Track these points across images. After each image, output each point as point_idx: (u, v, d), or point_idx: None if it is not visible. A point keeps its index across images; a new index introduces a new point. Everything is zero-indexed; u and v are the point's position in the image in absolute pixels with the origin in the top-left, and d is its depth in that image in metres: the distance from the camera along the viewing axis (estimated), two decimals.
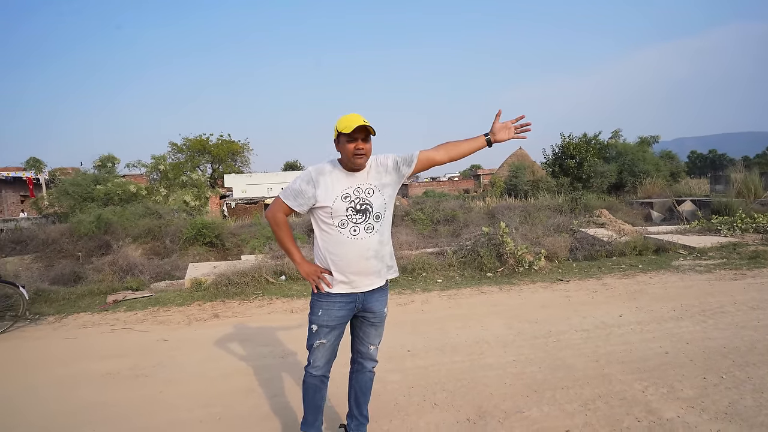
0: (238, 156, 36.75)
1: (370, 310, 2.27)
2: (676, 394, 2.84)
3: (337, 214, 2.13)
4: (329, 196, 2.12)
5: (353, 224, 2.14)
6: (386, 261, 2.27)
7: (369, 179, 2.19)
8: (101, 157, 20.05)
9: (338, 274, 2.17)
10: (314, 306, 2.24)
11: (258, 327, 4.60)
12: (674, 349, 3.54)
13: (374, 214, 2.17)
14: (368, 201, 2.16)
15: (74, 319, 5.22)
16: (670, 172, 21.92)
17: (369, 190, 2.17)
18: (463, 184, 43.69)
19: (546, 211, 12.25)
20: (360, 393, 2.39)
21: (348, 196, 2.13)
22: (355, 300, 2.22)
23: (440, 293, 5.66)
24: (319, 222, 2.20)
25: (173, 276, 7.53)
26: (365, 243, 2.16)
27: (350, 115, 2.09)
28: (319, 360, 2.25)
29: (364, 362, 2.37)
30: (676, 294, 5.11)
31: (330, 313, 2.20)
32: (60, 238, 10.30)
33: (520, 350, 3.67)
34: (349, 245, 2.14)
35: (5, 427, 2.84)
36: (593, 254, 7.43)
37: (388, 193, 2.22)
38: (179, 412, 2.92)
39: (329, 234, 2.17)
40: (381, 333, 2.37)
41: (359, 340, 2.35)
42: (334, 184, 2.14)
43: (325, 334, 2.22)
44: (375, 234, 2.18)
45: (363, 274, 2.19)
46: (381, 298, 2.29)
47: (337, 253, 2.16)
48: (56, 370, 3.71)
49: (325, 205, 2.13)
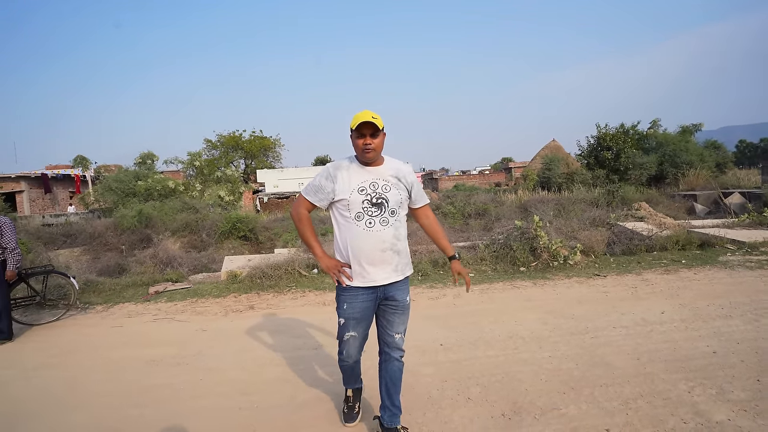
0: (270, 151, 37.50)
1: (393, 299, 2.33)
2: (726, 396, 2.70)
3: (353, 207, 2.22)
4: (346, 189, 2.22)
5: (369, 217, 2.22)
6: (402, 256, 2.33)
7: (387, 176, 2.29)
8: (141, 155, 20.90)
9: (356, 266, 2.25)
10: (339, 300, 2.35)
11: (292, 319, 4.69)
12: (723, 348, 3.37)
13: (390, 209, 2.25)
14: (384, 195, 2.24)
15: (120, 308, 5.49)
16: (715, 163, 20.77)
17: (386, 186, 2.26)
18: (494, 178, 42.95)
19: (581, 204, 11.91)
20: (390, 383, 2.42)
21: (364, 189, 2.22)
22: (376, 291, 2.29)
23: (472, 287, 5.59)
24: (337, 215, 2.30)
25: (210, 268, 7.78)
26: (380, 235, 2.23)
27: (361, 112, 2.19)
28: (350, 351, 2.38)
29: (391, 352, 2.41)
30: (723, 291, 4.85)
31: (354, 305, 2.29)
32: (105, 232, 10.84)
33: (555, 346, 3.59)
34: (365, 237, 2.22)
35: (64, 403, 3.02)
36: (632, 249, 7.15)
37: (404, 194, 2.32)
38: (219, 398, 3.02)
39: (346, 227, 2.26)
40: (405, 321, 2.41)
41: (384, 329, 2.41)
42: (351, 178, 2.24)
43: (353, 327, 2.32)
44: (390, 228, 2.25)
45: (379, 266, 2.25)
46: (402, 287, 2.36)
47: (354, 245, 2.25)
48: (106, 355, 3.92)
49: (342, 198, 2.22)
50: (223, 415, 2.80)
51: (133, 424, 2.74)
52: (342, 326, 2.34)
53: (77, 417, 2.87)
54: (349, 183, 2.23)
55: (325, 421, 2.66)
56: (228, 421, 2.73)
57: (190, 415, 2.82)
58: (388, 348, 2.41)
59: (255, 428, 2.63)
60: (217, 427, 2.66)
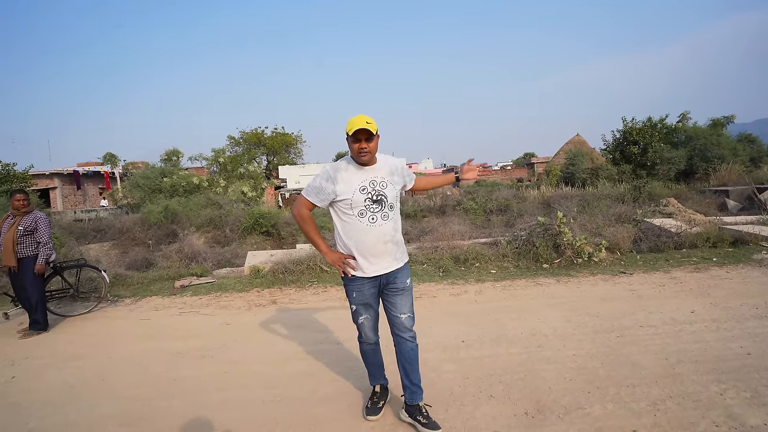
0: (291, 148, 37.86)
1: (394, 283, 2.51)
2: (761, 400, 2.60)
3: (356, 205, 2.38)
4: (348, 190, 2.37)
5: (371, 213, 2.40)
6: (400, 246, 2.54)
7: (383, 174, 2.46)
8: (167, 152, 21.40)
9: (361, 259, 2.43)
10: (348, 291, 2.53)
11: (314, 314, 4.74)
12: (758, 350, 3.24)
13: (389, 204, 2.44)
14: (383, 192, 2.42)
15: (147, 301, 5.65)
16: (749, 157, 19.92)
17: (383, 183, 2.44)
18: (516, 173, 42.29)
19: (606, 200, 11.61)
20: (406, 362, 2.55)
21: (365, 188, 2.39)
22: (379, 279, 2.48)
23: (494, 284, 5.54)
24: (340, 213, 2.45)
25: (233, 263, 7.93)
26: (383, 229, 2.42)
27: (356, 117, 2.33)
28: (367, 332, 2.59)
29: (401, 333, 2.54)
30: (758, 290, 4.67)
31: (362, 293, 2.49)
32: (133, 227, 11.16)
33: (580, 344, 3.52)
34: (368, 232, 2.39)
35: (94, 393, 3.14)
36: (660, 246, 6.94)
37: (398, 188, 2.52)
38: (243, 391, 3.08)
39: (350, 224, 2.42)
40: (408, 302, 2.55)
41: (390, 311, 2.56)
42: (352, 179, 2.39)
43: (364, 311, 2.54)
44: (390, 221, 2.45)
45: (382, 257, 2.44)
46: (403, 272, 2.53)
47: (358, 240, 2.41)
48: (134, 347, 4.04)
49: (345, 198, 2.38)
50: (247, 408, 2.86)
51: (161, 415, 2.82)
52: (355, 312, 2.55)
53: (107, 407, 2.97)
54: (350, 183, 2.38)
55: (348, 415, 2.69)
56: (252, 413, 2.78)
57: (215, 406, 2.89)
58: (398, 330, 2.55)
59: (278, 421, 2.67)
60: (242, 419, 2.72)
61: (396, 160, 2.58)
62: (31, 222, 4.60)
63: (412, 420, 2.52)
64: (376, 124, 2.35)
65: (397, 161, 2.58)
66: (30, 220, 4.60)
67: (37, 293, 4.59)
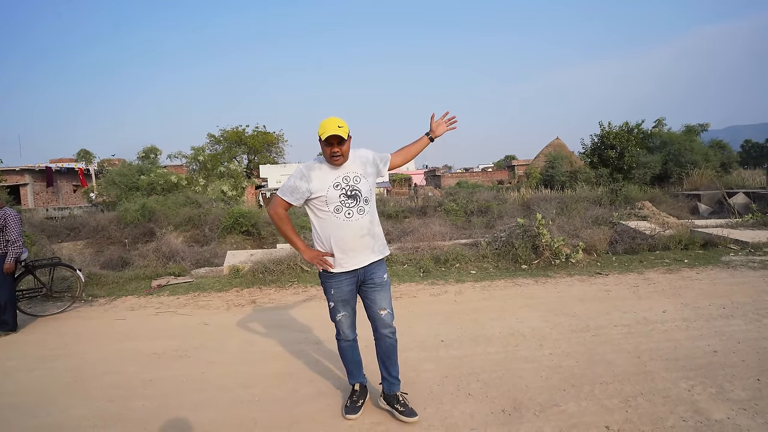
0: (273, 147, 37.49)
1: (371, 279, 2.54)
2: (726, 395, 2.71)
3: (331, 201, 2.43)
4: (323, 187, 2.42)
5: (347, 208, 2.45)
6: (378, 239, 2.58)
7: (355, 168, 2.50)
8: (144, 149, 20.92)
9: (339, 253, 2.47)
10: (325, 287, 2.57)
11: (294, 314, 4.72)
12: (724, 348, 3.37)
13: (363, 198, 2.48)
14: (357, 187, 2.47)
15: (122, 301, 5.52)
16: (720, 163, 20.63)
17: (356, 178, 2.48)
18: (497, 175, 42.85)
19: (584, 202, 11.88)
20: (385, 357, 2.62)
21: (339, 184, 2.43)
22: (357, 274, 2.52)
23: (474, 284, 5.61)
24: (316, 211, 2.50)
25: (212, 263, 7.82)
26: (359, 223, 2.46)
27: (328, 120, 2.36)
28: (345, 329, 2.62)
29: (381, 329, 2.59)
30: (725, 291, 4.85)
31: (340, 289, 2.53)
32: (108, 226, 10.89)
33: (556, 344, 3.60)
34: (345, 227, 2.45)
35: (67, 395, 3.05)
36: (634, 248, 7.14)
37: (371, 181, 2.54)
38: (221, 391, 3.04)
39: (326, 220, 2.47)
40: (387, 297, 2.59)
41: (370, 309, 2.59)
42: (325, 176, 2.44)
43: (342, 307, 2.57)
44: (366, 215, 2.48)
45: (360, 251, 2.48)
46: (380, 267, 2.57)
47: (335, 235, 2.46)
48: (109, 348, 3.95)
49: (319, 195, 2.43)
50: (226, 408, 2.82)
51: (137, 416, 2.77)
52: (333, 309, 2.59)
53: (80, 408, 2.90)
54: (324, 181, 2.42)
55: (327, 415, 2.68)
56: (230, 414, 2.75)
57: (192, 407, 2.85)
58: (379, 326, 2.59)
59: (257, 421, 2.65)
60: (220, 420, 2.69)
61: (366, 152, 2.60)
62: (0, 219, 4.44)
63: (390, 408, 2.61)
64: (348, 127, 2.40)
65: (368, 152, 2.60)
66: None
67: (6, 293, 4.43)
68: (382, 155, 2.67)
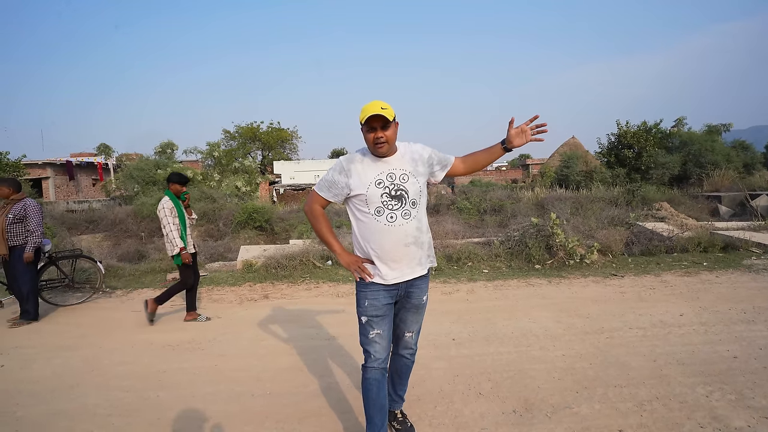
0: (287, 143, 37.70)
1: (410, 297, 2.23)
2: (746, 402, 2.63)
3: (372, 201, 2.09)
4: (363, 184, 2.09)
5: (390, 211, 2.09)
6: (426, 249, 2.22)
7: (403, 165, 2.14)
8: (161, 144, 21.24)
9: (380, 263, 2.13)
10: (360, 298, 2.20)
11: (305, 309, 4.74)
12: (744, 353, 3.28)
13: (410, 200, 2.12)
14: (403, 186, 2.11)
15: (138, 293, 5.62)
16: (743, 164, 20.09)
17: (404, 176, 2.12)
18: (511, 174, 42.45)
19: (600, 203, 11.69)
20: (396, 375, 2.40)
21: (382, 182, 2.09)
22: (398, 288, 2.18)
23: (486, 283, 5.57)
24: (355, 211, 2.17)
25: (226, 257, 7.90)
26: (403, 229, 2.11)
27: (369, 104, 2.04)
28: (379, 351, 2.17)
29: (400, 350, 2.35)
30: (747, 295, 4.72)
31: (376, 302, 2.15)
32: (126, 219, 11.10)
33: (569, 345, 3.55)
34: (387, 233, 2.10)
35: (83, 383, 3.12)
36: (651, 249, 7.00)
37: (422, 181, 2.18)
38: (233, 384, 3.07)
39: (366, 223, 2.13)
40: (419, 321, 2.32)
41: (397, 326, 2.30)
42: (366, 171, 2.11)
43: (377, 324, 2.17)
44: (413, 220, 2.13)
45: (404, 262, 2.13)
46: (422, 286, 2.25)
47: (376, 242, 2.12)
48: (124, 338, 4.03)
49: (359, 193, 2.10)
50: (237, 401, 2.85)
51: (150, 406, 2.82)
52: (365, 325, 2.18)
53: (95, 397, 2.96)
54: (365, 176, 2.10)
55: (337, 411, 2.69)
56: (241, 406, 2.77)
57: (205, 399, 2.88)
58: (398, 345, 2.34)
59: (267, 414, 2.67)
60: (231, 412, 2.72)
61: (421, 148, 2.23)
62: (21, 210, 4.54)
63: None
64: (393, 110, 2.06)
65: (423, 149, 2.23)
66: (19, 208, 4.55)
67: (28, 283, 4.55)
68: (442, 157, 2.27)
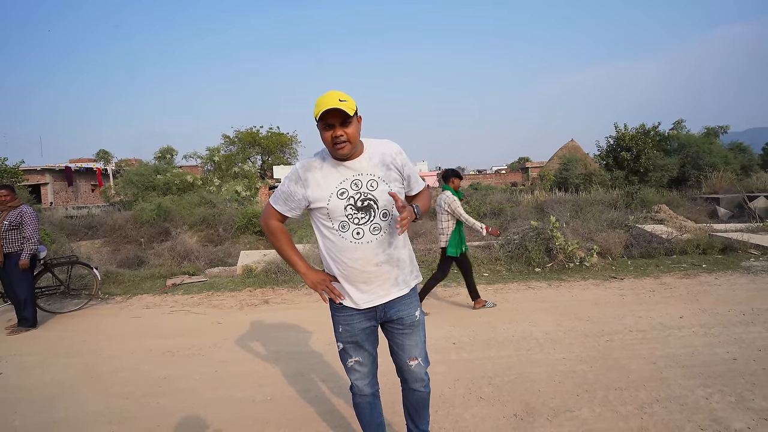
0: (286, 148, 37.78)
1: (398, 318, 1.89)
2: (746, 404, 2.64)
3: (335, 215, 1.76)
4: (323, 195, 1.76)
5: (356, 225, 1.76)
6: (403, 267, 1.88)
7: (372, 169, 1.79)
8: (161, 149, 21.27)
9: (348, 286, 1.83)
10: (334, 322, 1.93)
11: (306, 314, 4.74)
12: (744, 355, 3.28)
13: (380, 212, 1.78)
14: (371, 195, 1.76)
15: (138, 299, 5.62)
16: (740, 166, 20.20)
17: (372, 183, 1.77)
18: (511, 177, 42.52)
19: (599, 205, 11.72)
20: (413, 410, 2.08)
21: (345, 192, 1.75)
22: (375, 311, 1.87)
23: (486, 287, 5.57)
24: (319, 225, 1.85)
25: (226, 262, 7.90)
26: (372, 247, 1.78)
27: (325, 95, 1.67)
28: (360, 379, 1.95)
29: (411, 383, 2.00)
30: (745, 297, 4.73)
31: (352, 327, 1.87)
32: (125, 225, 11.09)
33: (570, 348, 3.55)
34: (353, 251, 1.78)
35: (82, 390, 3.11)
36: (651, 252, 7.03)
37: (396, 188, 1.82)
38: (234, 390, 3.07)
39: (331, 240, 1.81)
40: (420, 342, 1.96)
41: (397, 356, 1.98)
42: (327, 179, 1.77)
43: (355, 351, 1.91)
44: (383, 234, 1.79)
45: (376, 283, 1.82)
46: (407, 302, 1.91)
47: (342, 261, 1.81)
48: (124, 345, 4.02)
49: (320, 206, 1.78)
50: (238, 406, 2.85)
51: (151, 413, 2.81)
52: (342, 352, 1.93)
53: (95, 404, 2.95)
54: (325, 186, 1.76)
55: (338, 416, 2.69)
56: (242, 412, 2.77)
57: (205, 405, 2.88)
58: (405, 378, 2.00)
59: (268, 420, 2.67)
60: (232, 418, 2.71)
61: (393, 148, 1.86)
62: (17, 216, 4.53)
63: None
64: (355, 104, 1.70)
65: (395, 149, 1.86)
66: (15, 214, 4.54)
67: (25, 290, 4.54)
68: (413, 173, 1.92)
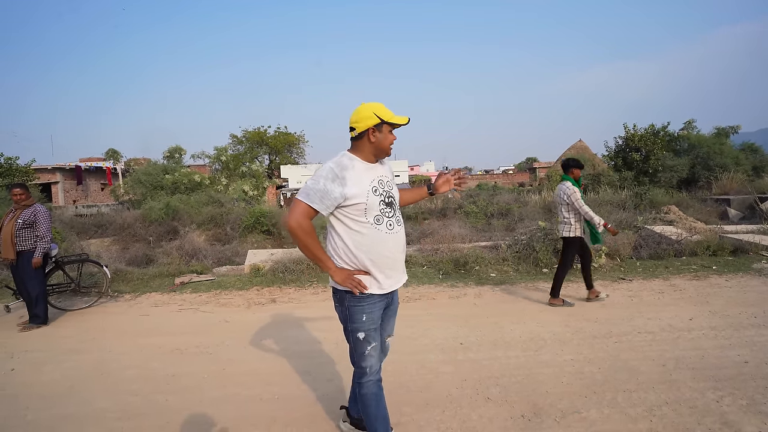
0: (294, 147, 37.94)
1: (392, 302, 2.23)
2: (758, 408, 2.60)
3: (371, 210, 1.99)
4: (361, 192, 1.96)
5: (387, 218, 2.04)
6: None
7: (385, 171, 2.12)
8: (170, 149, 21.44)
9: (378, 273, 2.04)
10: (355, 313, 2.07)
11: (313, 313, 4.75)
12: (755, 358, 3.24)
13: (397, 206, 2.13)
14: (392, 193, 2.10)
15: (147, 297, 5.66)
16: (752, 167, 19.90)
17: (389, 182, 2.11)
18: (518, 178, 42.33)
19: (607, 206, 11.61)
20: None
21: (377, 189, 2.02)
22: (390, 295, 2.17)
23: (494, 287, 5.55)
24: (349, 222, 2.00)
25: (233, 261, 7.94)
26: (399, 236, 2.09)
27: (381, 105, 2.01)
28: (374, 364, 2.13)
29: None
30: (757, 299, 4.67)
31: (373, 315, 2.08)
32: (134, 223, 11.18)
33: (578, 349, 3.53)
34: (388, 241, 2.03)
35: (92, 387, 3.15)
36: (660, 253, 6.95)
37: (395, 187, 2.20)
38: (241, 388, 3.08)
39: (364, 233, 1.99)
40: (394, 321, 2.34)
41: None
42: (361, 178, 1.99)
43: (373, 337, 2.10)
44: (402, 227, 2.14)
45: (398, 268, 2.12)
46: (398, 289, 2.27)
47: (375, 251, 2.01)
48: (133, 343, 4.05)
49: (358, 202, 1.96)
50: (245, 404, 2.86)
51: (159, 410, 2.83)
52: (363, 341, 2.08)
53: (104, 401, 2.98)
54: (361, 184, 1.97)
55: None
56: (250, 410, 2.78)
57: (213, 403, 2.89)
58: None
59: (275, 418, 2.68)
60: (239, 416, 2.73)
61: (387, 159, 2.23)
62: (30, 215, 4.60)
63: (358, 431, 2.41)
64: None
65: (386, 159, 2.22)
66: (29, 213, 4.61)
67: (37, 287, 4.60)
68: None
